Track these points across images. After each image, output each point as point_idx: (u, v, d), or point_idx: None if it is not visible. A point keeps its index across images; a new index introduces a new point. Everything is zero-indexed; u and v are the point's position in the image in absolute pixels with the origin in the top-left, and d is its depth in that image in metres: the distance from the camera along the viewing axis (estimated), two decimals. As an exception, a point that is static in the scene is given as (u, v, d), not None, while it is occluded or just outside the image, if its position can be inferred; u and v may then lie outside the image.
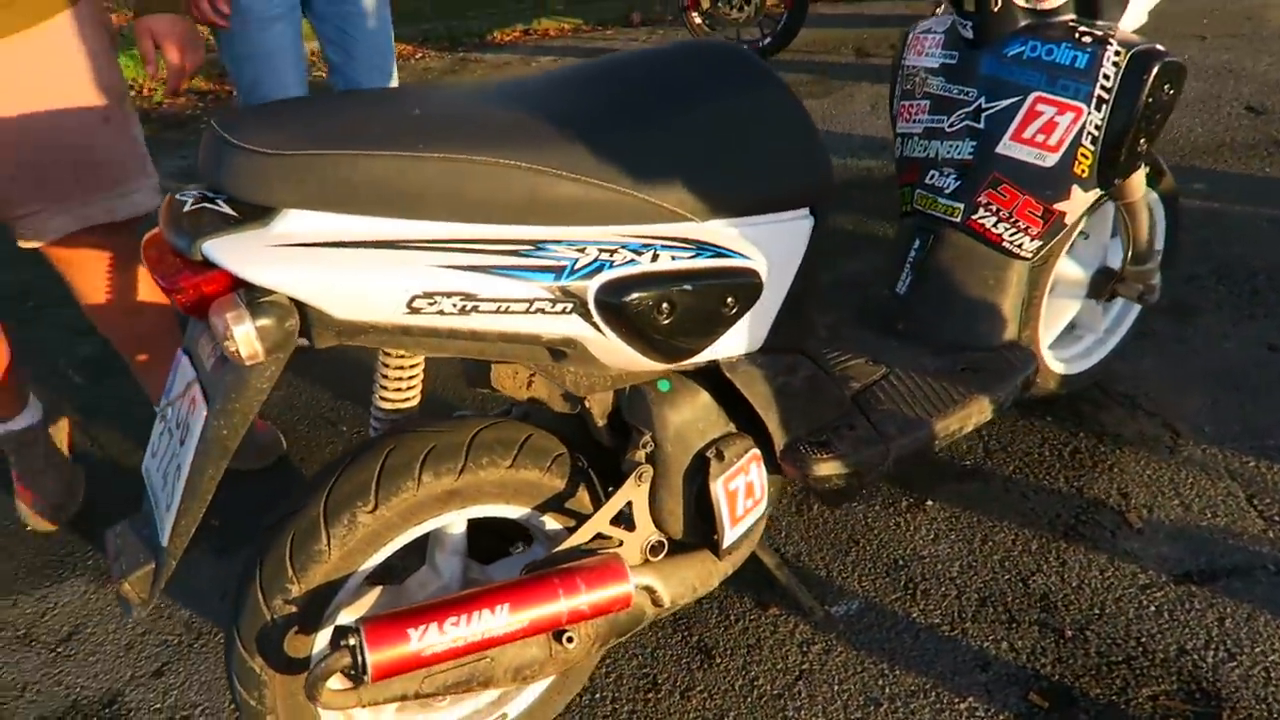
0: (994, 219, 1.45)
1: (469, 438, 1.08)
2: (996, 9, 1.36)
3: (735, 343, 1.16)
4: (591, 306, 0.97)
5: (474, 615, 1.02)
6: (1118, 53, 1.30)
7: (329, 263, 0.84)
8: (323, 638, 1.07)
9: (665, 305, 1.00)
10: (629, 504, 1.17)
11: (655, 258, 1.00)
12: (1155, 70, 1.29)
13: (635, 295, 0.98)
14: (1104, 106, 1.31)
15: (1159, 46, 1.31)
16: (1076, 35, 1.34)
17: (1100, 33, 1.33)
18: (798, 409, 1.25)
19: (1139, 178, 1.50)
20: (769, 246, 1.10)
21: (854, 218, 2.75)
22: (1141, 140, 1.34)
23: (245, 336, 0.81)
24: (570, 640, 1.13)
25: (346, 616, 1.11)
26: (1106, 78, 1.30)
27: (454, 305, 0.90)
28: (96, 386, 2.34)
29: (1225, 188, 2.64)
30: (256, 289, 0.83)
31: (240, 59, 1.84)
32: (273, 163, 0.82)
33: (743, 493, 1.21)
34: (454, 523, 1.14)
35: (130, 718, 1.44)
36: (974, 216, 1.47)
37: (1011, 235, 1.45)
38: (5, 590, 1.72)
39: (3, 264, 2.85)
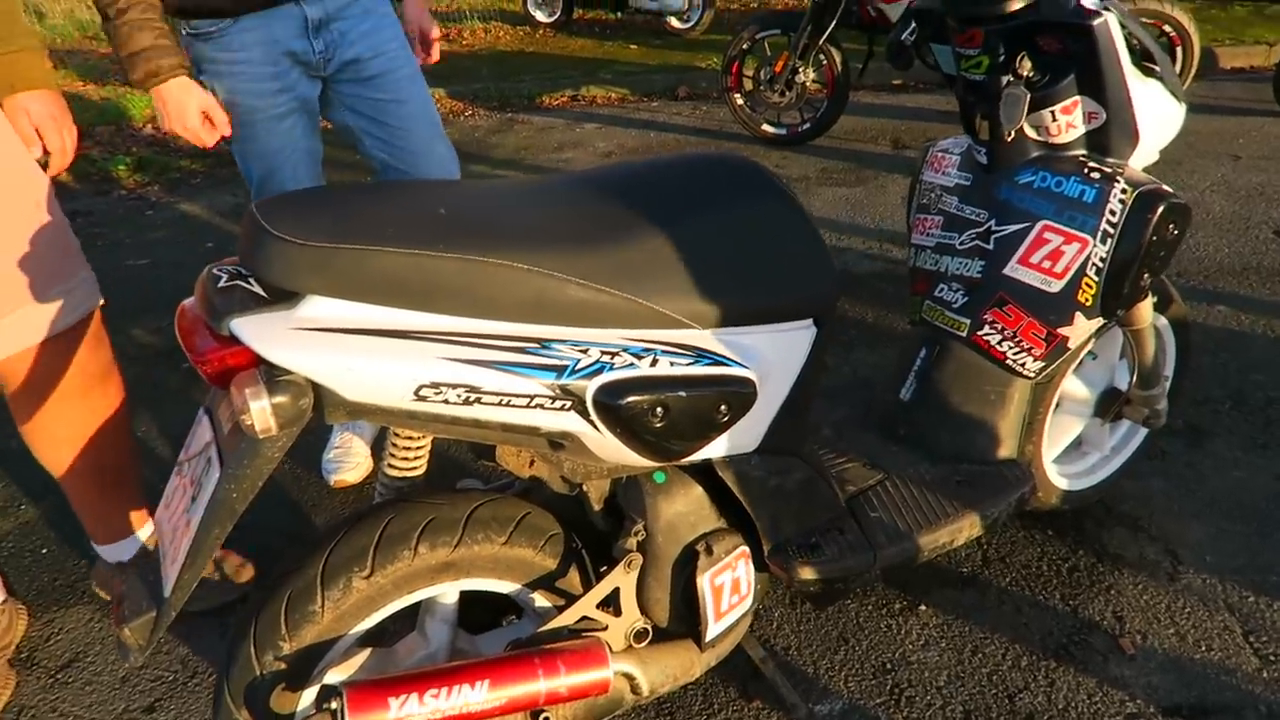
0: (998, 337, 1.49)
1: (467, 512, 1.12)
2: (1009, 140, 1.41)
3: (729, 444, 1.19)
4: (589, 405, 1.01)
5: (454, 689, 1.06)
6: (1124, 190, 1.34)
7: (345, 348, 0.90)
8: (308, 696, 1.10)
9: (660, 409, 1.04)
10: (617, 590, 1.20)
11: (654, 362, 1.04)
12: (1160, 210, 1.33)
13: (632, 398, 1.02)
14: (1109, 240, 1.35)
15: (1165, 187, 1.35)
16: (1086, 170, 1.38)
17: (1109, 170, 1.37)
18: (789, 511, 1.29)
19: (1145, 306, 1.53)
20: (768, 355, 1.15)
21: (875, 310, 2.79)
22: (1145, 274, 1.38)
23: (261, 412, 0.86)
24: (546, 721, 1.15)
25: (334, 676, 1.14)
26: (1113, 213, 1.35)
27: (458, 396, 0.95)
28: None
29: (1248, 312, 2.65)
30: (276, 367, 0.89)
31: (249, 157, 1.78)
32: (300, 252, 0.89)
33: (729, 588, 1.23)
34: (446, 593, 1.17)
35: (117, 752, 1.48)
36: (979, 333, 1.50)
37: (1015, 354, 1.48)
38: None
39: None
